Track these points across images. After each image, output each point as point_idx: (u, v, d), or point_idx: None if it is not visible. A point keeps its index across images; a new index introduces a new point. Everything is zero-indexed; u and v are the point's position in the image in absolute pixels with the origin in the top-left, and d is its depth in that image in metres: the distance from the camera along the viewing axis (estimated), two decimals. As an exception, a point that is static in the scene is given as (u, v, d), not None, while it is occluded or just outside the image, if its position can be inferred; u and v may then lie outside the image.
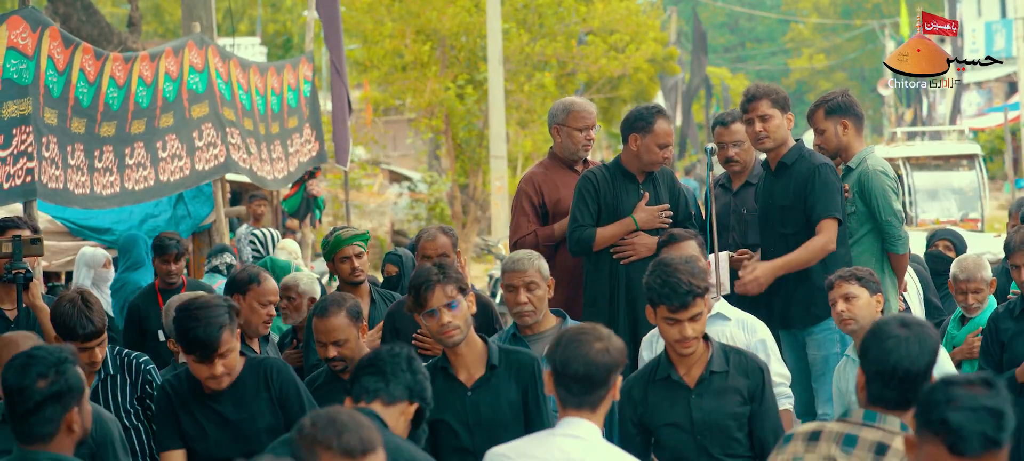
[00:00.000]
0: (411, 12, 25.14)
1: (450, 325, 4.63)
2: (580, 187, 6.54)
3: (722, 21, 69.15)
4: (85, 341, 5.16)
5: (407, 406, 3.90)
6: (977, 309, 6.84)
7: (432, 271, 4.70)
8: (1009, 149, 30.03)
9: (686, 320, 4.48)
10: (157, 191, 8.58)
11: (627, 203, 6.51)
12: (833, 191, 6.32)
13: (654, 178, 6.61)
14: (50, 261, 9.33)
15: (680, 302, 4.45)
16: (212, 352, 4.52)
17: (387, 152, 31.54)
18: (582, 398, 3.75)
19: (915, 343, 3.53)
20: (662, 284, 4.48)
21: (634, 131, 6.48)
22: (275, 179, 10.66)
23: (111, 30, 17.59)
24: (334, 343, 5.14)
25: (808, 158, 6.43)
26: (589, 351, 3.76)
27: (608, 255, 6.48)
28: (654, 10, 36.77)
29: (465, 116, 25.17)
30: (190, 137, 8.97)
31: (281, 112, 10.87)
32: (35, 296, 6.09)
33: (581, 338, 3.79)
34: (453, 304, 4.64)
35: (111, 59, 7.89)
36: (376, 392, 3.86)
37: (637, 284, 6.41)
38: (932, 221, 17.74)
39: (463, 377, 4.70)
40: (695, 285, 4.47)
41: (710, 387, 4.55)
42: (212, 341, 4.50)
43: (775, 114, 6.45)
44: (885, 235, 6.55)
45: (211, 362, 4.53)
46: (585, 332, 3.83)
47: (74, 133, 7.49)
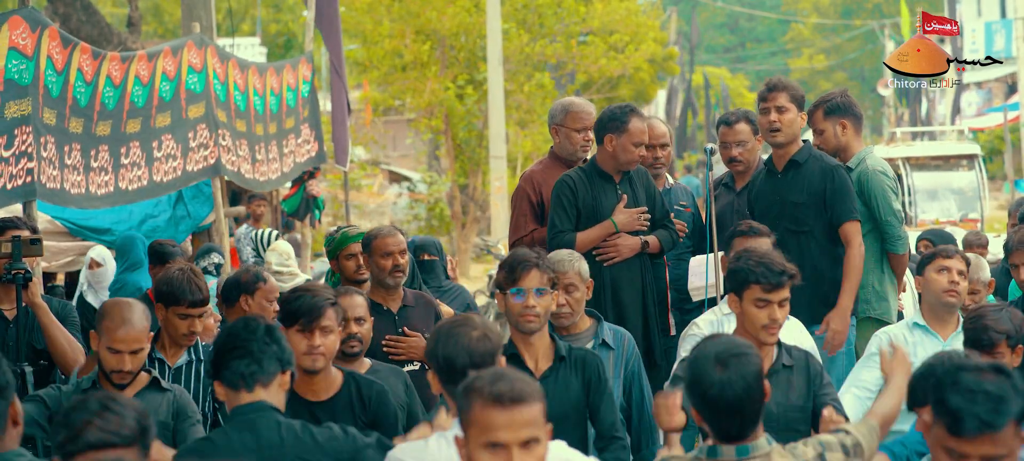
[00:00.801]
0: (411, 12, 25.14)
1: (533, 310, 4.71)
2: (557, 192, 6.48)
3: (722, 21, 69.17)
4: (191, 308, 5.37)
5: (283, 376, 3.86)
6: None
7: (531, 254, 4.82)
8: (1009, 149, 30.04)
9: (776, 303, 4.53)
10: (150, 191, 8.56)
11: (606, 205, 6.46)
12: (850, 193, 6.36)
13: (631, 178, 6.56)
14: (50, 261, 9.33)
15: (775, 281, 4.51)
16: (315, 319, 4.53)
17: (387, 152, 31.55)
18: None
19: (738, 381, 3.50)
20: (757, 264, 4.54)
21: (608, 131, 6.44)
22: (267, 180, 10.62)
23: (111, 30, 17.59)
24: (356, 319, 5.20)
25: (820, 158, 6.44)
26: (470, 341, 3.78)
27: (591, 258, 6.37)
28: (654, 10, 36.76)
29: (465, 116, 25.17)
30: (185, 137, 8.96)
31: (280, 112, 10.87)
32: (34, 295, 6.10)
33: (459, 331, 3.81)
34: (540, 291, 4.73)
35: (109, 59, 7.89)
36: (252, 377, 3.80)
37: (623, 285, 6.41)
38: (932, 221, 17.74)
39: (531, 365, 4.75)
40: (788, 268, 4.55)
41: (779, 380, 4.57)
42: (317, 309, 4.54)
43: (791, 108, 6.45)
44: (885, 235, 6.57)
45: (312, 332, 4.53)
46: (460, 324, 3.85)
47: (72, 133, 7.49)
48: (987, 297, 6.91)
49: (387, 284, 6.19)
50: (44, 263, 8.38)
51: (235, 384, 3.83)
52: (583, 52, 27.79)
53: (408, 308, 6.23)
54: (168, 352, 5.49)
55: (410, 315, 6.21)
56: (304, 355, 4.51)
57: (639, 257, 6.48)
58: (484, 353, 3.77)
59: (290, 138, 11.09)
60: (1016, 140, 31.38)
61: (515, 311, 4.74)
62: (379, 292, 6.19)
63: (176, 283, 5.38)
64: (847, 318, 6.24)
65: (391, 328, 6.09)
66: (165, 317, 5.44)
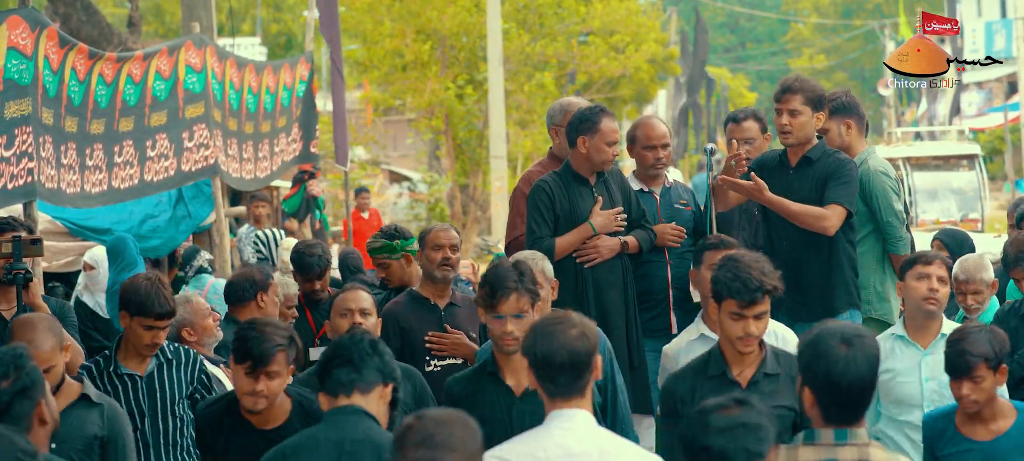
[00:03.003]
0: (411, 12, 25.14)
1: (511, 335, 4.64)
2: (534, 198, 6.42)
3: (722, 21, 69.14)
4: (157, 320, 5.25)
5: (383, 389, 3.94)
6: (977, 310, 6.83)
7: (511, 276, 4.73)
8: (1009, 149, 30.04)
9: (751, 318, 4.49)
10: (140, 190, 8.53)
11: (583, 208, 6.41)
12: (851, 184, 6.33)
13: (605, 179, 6.51)
14: (50, 262, 9.32)
15: (749, 297, 4.45)
16: (261, 366, 4.54)
17: (387, 152, 31.54)
18: (569, 387, 3.73)
19: (861, 360, 3.54)
20: (733, 278, 4.47)
21: (581, 133, 6.36)
22: (254, 179, 10.58)
23: (111, 30, 17.57)
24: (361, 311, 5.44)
25: (833, 154, 6.43)
26: (569, 339, 3.74)
27: (572, 261, 6.38)
28: (654, 11, 36.76)
29: (465, 116, 25.17)
30: (180, 137, 8.93)
31: (273, 111, 10.84)
32: (34, 296, 6.09)
33: (557, 328, 3.78)
34: (520, 315, 4.67)
35: (104, 59, 7.88)
36: (351, 384, 3.89)
37: (605, 287, 6.39)
38: (932, 221, 17.74)
39: (512, 383, 4.68)
40: (766, 283, 4.48)
41: (761, 389, 4.54)
42: (266, 356, 4.54)
43: (805, 111, 6.41)
44: (886, 236, 6.55)
45: (257, 377, 4.55)
46: (559, 321, 3.81)
47: (67, 132, 7.47)
48: (991, 297, 6.89)
49: (435, 278, 6.27)
50: (45, 263, 8.37)
51: (335, 391, 3.92)
52: (583, 52, 27.79)
53: (455, 306, 6.30)
54: (133, 362, 5.36)
55: (456, 314, 6.28)
56: (246, 395, 4.59)
57: (619, 258, 6.46)
58: (582, 351, 3.74)
59: (281, 137, 11.06)
60: (1016, 140, 31.37)
61: (494, 334, 4.71)
62: (428, 287, 6.30)
63: (143, 293, 5.24)
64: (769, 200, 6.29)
65: (436, 324, 6.16)
66: (129, 326, 5.30)
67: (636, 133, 7.03)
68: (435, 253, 6.27)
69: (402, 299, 6.38)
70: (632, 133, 7.06)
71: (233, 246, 11.83)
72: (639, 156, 7.02)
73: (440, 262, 6.25)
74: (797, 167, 6.46)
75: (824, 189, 6.33)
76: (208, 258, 9.83)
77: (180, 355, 5.46)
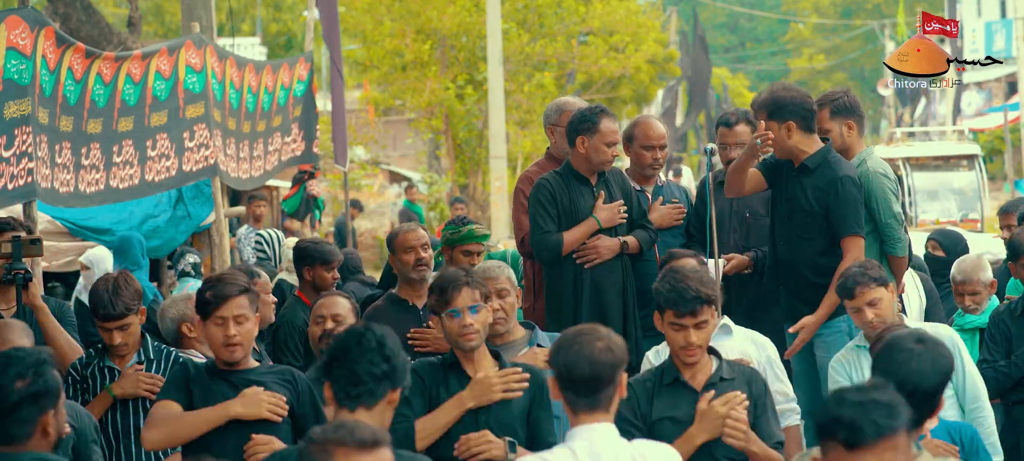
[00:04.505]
0: (411, 12, 25.14)
1: (471, 328, 4.71)
2: (536, 195, 6.46)
3: (722, 21, 69.17)
4: (104, 321, 5.38)
5: (392, 394, 3.77)
6: (974, 311, 6.83)
7: (460, 274, 4.84)
8: (1009, 149, 30.04)
9: (692, 327, 4.50)
10: (141, 190, 8.53)
11: (584, 207, 6.44)
12: (855, 205, 6.26)
13: (606, 178, 6.54)
14: (50, 262, 9.32)
15: (687, 308, 4.48)
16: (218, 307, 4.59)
17: (387, 152, 31.53)
18: (592, 399, 3.73)
19: (928, 360, 3.57)
20: (670, 289, 4.50)
21: (580, 133, 6.40)
22: (249, 177, 10.57)
23: (111, 30, 17.57)
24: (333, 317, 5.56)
25: (833, 165, 6.32)
26: (593, 351, 3.74)
27: (571, 261, 6.41)
28: (654, 11, 36.76)
29: (465, 116, 25.17)
30: (181, 137, 8.93)
31: (270, 110, 10.84)
32: (34, 296, 6.10)
33: (582, 340, 3.77)
34: (475, 308, 4.74)
35: (102, 58, 7.87)
36: (358, 398, 3.70)
37: (604, 288, 6.41)
38: (932, 221, 17.75)
39: (471, 372, 4.75)
40: (703, 292, 4.49)
41: (718, 390, 4.55)
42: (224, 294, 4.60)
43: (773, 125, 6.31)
44: (885, 237, 6.50)
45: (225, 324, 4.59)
46: (585, 333, 3.81)
47: (62, 131, 7.46)
48: (989, 298, 6.89)
49: (412, 279, 6.30)
50: (45, 264, 8.38)
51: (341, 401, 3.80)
52: (583, 52, 27.79)
53: None
54: (117, 358, 5.51)
55: None
56: (222, 347, 4.64)
57: (619, 258, 6.48)
58: (605, 364, 3.73)
59: (276, 136, 11.04)
60: (1016, 140, 31.37)
61: (453, 332, 4.75)
62: (405, 288, 6.32)
63: (97, 293, 5.41)
64: (817, 326, 6.20)
65: (417, 323, 6.17)
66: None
67: (634, 132, 7.05)
68: (407, 256, 6.31)
69: (382, 302, 6.41)
70: (630, 132, 7.09)
71: (232, 246, 11.84)
72: (636, 155, 7.04)
73: (414, 263, 6.29)
74: (798, 173, 6.42)
75: (826, 214, 6.28)
76: (193, 261, 9.83)
77: (161, 355, 5.58)
